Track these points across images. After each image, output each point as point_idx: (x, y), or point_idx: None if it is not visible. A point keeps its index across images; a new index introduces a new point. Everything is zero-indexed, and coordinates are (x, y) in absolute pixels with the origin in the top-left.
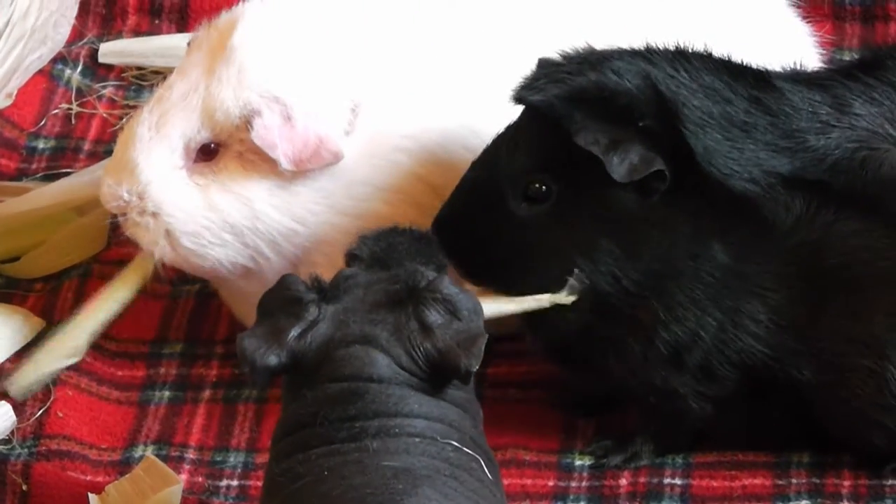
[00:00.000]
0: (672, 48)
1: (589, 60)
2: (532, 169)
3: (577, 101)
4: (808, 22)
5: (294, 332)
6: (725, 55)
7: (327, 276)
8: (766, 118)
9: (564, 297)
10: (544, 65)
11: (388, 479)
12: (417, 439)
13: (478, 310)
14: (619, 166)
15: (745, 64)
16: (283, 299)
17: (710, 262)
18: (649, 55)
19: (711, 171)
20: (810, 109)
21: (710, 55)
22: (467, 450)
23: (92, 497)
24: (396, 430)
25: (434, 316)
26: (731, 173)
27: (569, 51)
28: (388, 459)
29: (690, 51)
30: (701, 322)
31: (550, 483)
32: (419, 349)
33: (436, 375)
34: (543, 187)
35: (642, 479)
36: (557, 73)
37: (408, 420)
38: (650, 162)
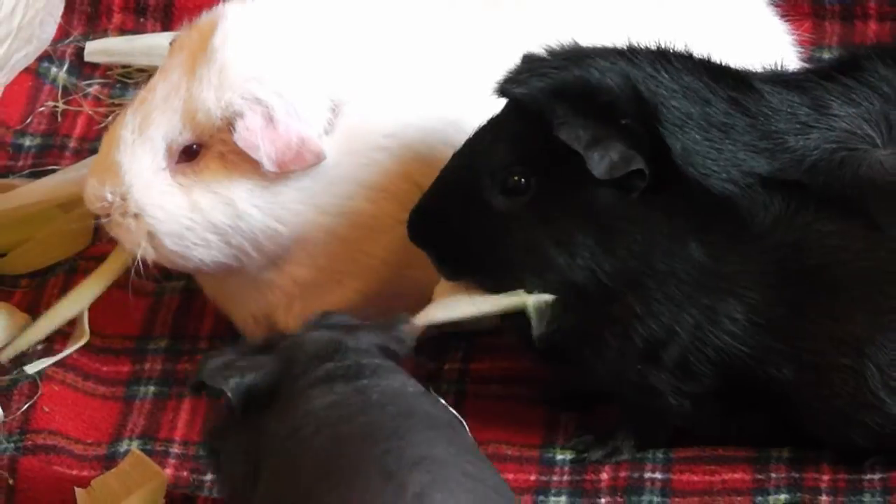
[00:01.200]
0: (653, 48)
1: (573, 57)
2: (511, 162)
3: (559, 96)
4: (787, 20)
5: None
6: (706, 56)
7: (309, 275)
8: (746, 119)
9: (542, 298)
10: (528, 59)
11: (394, 416)
12: (410, 386)
13: None
14: (600, 163)
15: (725, 65)
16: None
17: (686, 260)
18: (631, 55)
19: (689, 170)
20: (789, 110)
21: (690, 56)
22: (453, 410)
23: (78, 491)
24: (389, 370)
25: None
26: (710, 173)
27: (553, 46)
28: (388, 401)
29: (671, 51)
30: (677, 319)
31: (532, 477)
32: None
33: None
34: (522, 180)
35: (623, 474)
36: (541, 67)
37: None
38: (630, 160)
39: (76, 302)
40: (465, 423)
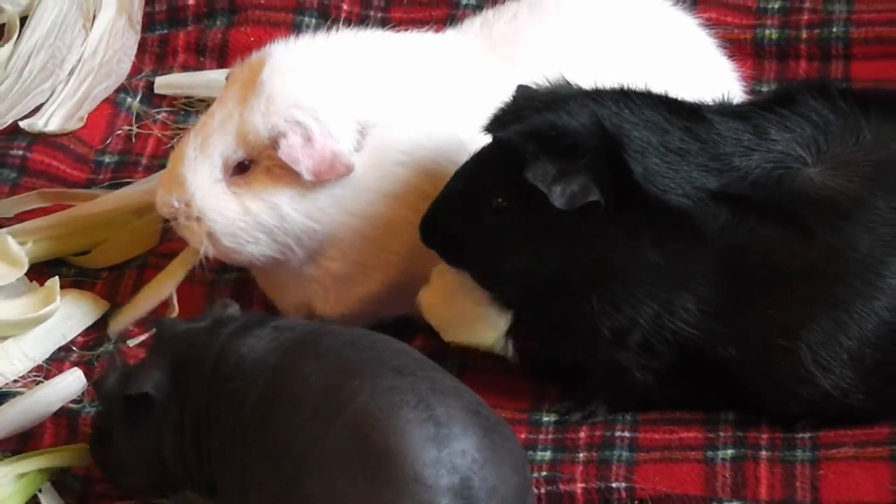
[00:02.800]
0: (617, 89)
1: (548, 101)
2: (496, 188)
3: (532, 138)
4: (733, 59)
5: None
6: (663, 92)
7: (341, 268)
8: (698, 144)
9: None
10: (512, 101)
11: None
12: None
13: None
14: (561, 197)
15: (680, 99)
16: None
17: (646, 263)
18: (597, 96)
19: (650, 188)
20: (734, 136)
21: (649, 93)
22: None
23: None
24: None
25: None
26: (668, 190)
27: (537, 87)
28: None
29: (633, 90)
30: (639, 311)
31: (522, 436)
32: None
33: None
34: (504, 203)
35: (598, 433)
36: (520, 111)
37: None
38: (588, 193)
39: (164, 286)
40: None
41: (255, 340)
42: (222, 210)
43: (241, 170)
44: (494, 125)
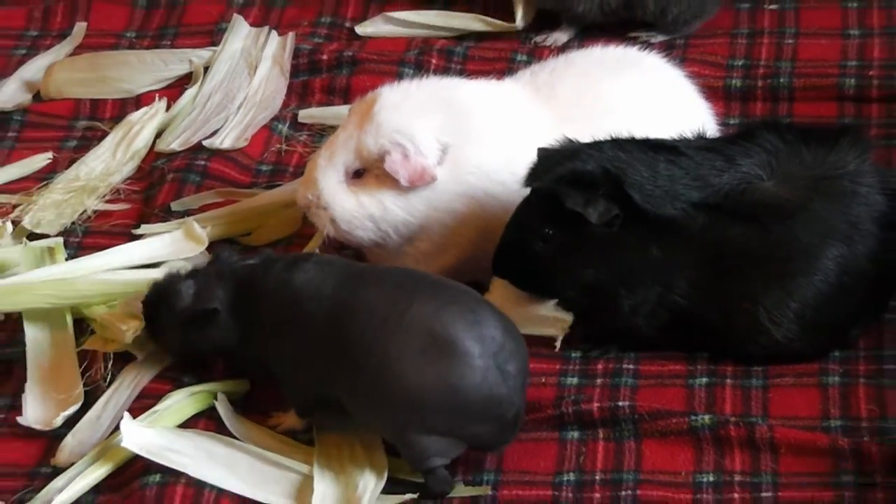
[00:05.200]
0: (611, 139)
1: (568, 153)
2: (542, 224)
3: (561, 181)
4: (708, 101)
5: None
6: (646, 136)
7: (428, 248)
8: (681, 171)
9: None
10: (538, 158)
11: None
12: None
13: None
14: (594, 214)
15: (660, 140)
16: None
17: (650, 258)
18: (598, 147)
19: (647, 208)
20: (710, 163)
21: (634, 139)
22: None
23: None
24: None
25: None
26: (661, 206)
27: (560, 143)
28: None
29: (623, 139)
30: (648, 291)
31: (557, 367)
32: None
33: None
34: (550, 232)
35: (611, 366)
36: (548, 164)
37: None
38: (611, 209)
39: None
40: None
41: (305, 274)
42: (342, 203)
43: (357, 175)
44: (530, 179)
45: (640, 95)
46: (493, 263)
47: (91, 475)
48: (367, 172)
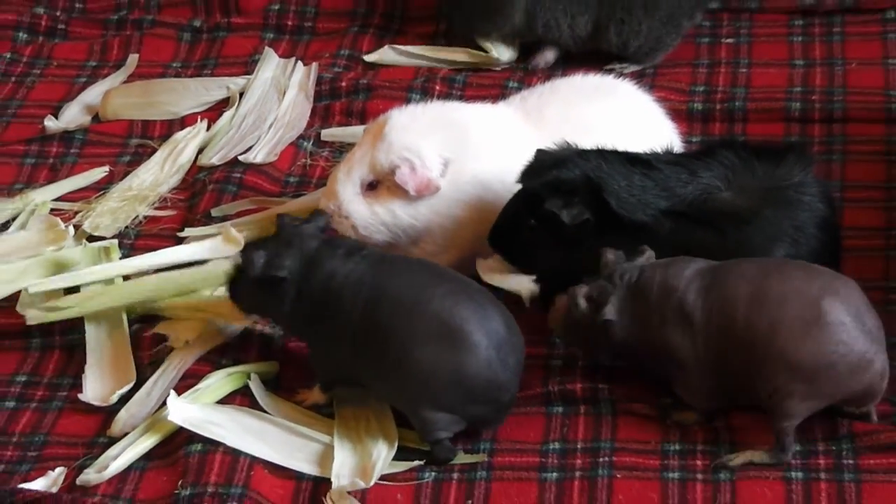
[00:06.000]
0: (597, 149)
1: (555, 160)
2: (528, 216)
3: (547, 186)
4: (674, 122)
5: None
6: (624, 149)
7: (432, 248)
8: (651, 182)
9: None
10: (535, 158)
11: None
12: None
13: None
14: (567, 216)
15: (636, 153)
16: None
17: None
18: (585, 156)
19: (622, 213)
20: (676, 175)
21: (616, 151)
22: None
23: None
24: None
25: None
26: (634, 212)
27: (551, 149)
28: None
29: (607, 151)
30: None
31: (544, 350)
32: None
33: None
34: (535, 224)
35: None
36: (539, 168)
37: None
38: (582, 214)
39: None
40: None
41: (354, 265)
42: (359, 211)
43: (371, 187)
44: (524, 178)
45: (616, 117)
46: (489, 238)
47: (141, 445)
48: (380, 184)
